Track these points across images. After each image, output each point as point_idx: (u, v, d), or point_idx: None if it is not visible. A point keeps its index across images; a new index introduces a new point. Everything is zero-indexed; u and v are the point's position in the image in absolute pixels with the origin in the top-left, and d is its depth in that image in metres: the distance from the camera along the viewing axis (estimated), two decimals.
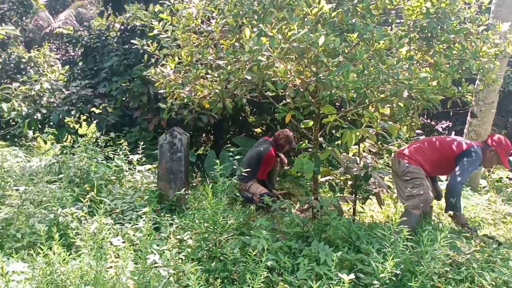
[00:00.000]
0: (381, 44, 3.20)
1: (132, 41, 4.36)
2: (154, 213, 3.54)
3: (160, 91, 4.37)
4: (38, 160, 5.03)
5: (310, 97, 3.71)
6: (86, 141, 4.59)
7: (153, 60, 4.06)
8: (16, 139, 8.28)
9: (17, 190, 3.79)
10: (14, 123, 8.15)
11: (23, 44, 14.01)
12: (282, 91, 3.52)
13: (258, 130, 8.06)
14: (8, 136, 7.37)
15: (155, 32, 3.99)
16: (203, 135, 8.09)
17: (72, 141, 5.58)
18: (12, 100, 7.05)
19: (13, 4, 11.16)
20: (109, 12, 8.33)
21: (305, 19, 3.23)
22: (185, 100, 3.96)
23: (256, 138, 7.26)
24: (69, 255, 2.67)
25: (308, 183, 5.77)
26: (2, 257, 2.71)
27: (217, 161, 3.42)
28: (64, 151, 5.20)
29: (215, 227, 3.15)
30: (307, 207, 4.09)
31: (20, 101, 7.20)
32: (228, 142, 7.67)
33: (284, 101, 3.75)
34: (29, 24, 14.10)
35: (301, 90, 3.65)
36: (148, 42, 4.06)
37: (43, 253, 2.61)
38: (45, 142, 8.60)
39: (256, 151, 5.14)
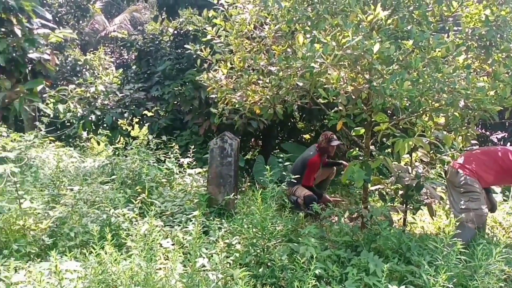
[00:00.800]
0: (438, 52, 3.10)
1: (185, 46, 4.46)
2: (203, 217, 3.58)
3: (211, 96, 4.43)
4: (92, 160, 5.23)
5: (362, 105, 3.63)
6: (139, 144, 4.72)
7: (206, 65, 4.12)
8: (70, 140, 8.68)
9: (71, 190, 3.94)
10: (69, 124, 8.56)
11: (79, 47, 14.68)
12: (334, 98, 3.47)
13: (307, 136, 7.99)
14: (63, 137, 7.73)
15: (209, 37, 4.05)
16: (252, 140, 8.13)
17: (124, 143, 5.76)
18: (68, 101, 7.39)
19: (70, 8, 11.73)
20: (163, 17, 8.56)
21: (360, 26, 3.17)
22: (236, 105, 3.99)
23: (305, 144, 7.21)
24: (120, 255, 2.74)
25: (357, 192, 5.65)
26: (56, 255, 2.86)
27: (267, 167, 3.41)
28: (117, 153, 5.38)
29: (264, 233, 3.15)
30: (356, 216, 4.01)
31: (75, 102, 7.54)
32: (277, 147, 7.66)
33: (335, 108, 3.70)
34: (85, 28, 14.75)
35: (353, 97, 3.58)
36: (201, 47, 4.12)
37: (95, 252, 2.69)
38: (98, 143, 8.96)
39: (302, 157, 5.10)
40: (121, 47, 16.67)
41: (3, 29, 4.80)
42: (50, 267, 2.67)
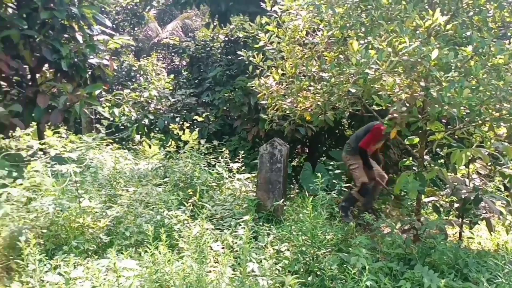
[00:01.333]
0: (499, 59, 2.96)
1: (238, 52, 4.52)
2: (252, 222, 3.60)
3: (261, 102, 4.46)
4: (145, 163, 5.40)
5: (417, 113, 3.52)
6: (191, 148, 4.82)
7: (258, 71, 4.15)
8: (123, 142, 9.01)
9: (127, 190, 4.08)
10: (122, 127, 8.89)
11: (133, 53, 15.25)
12: (389, 105, 3.39)
13: None
14: (117, 139, 8.04)
15: (261, 43, 4.08)
16: (298, 147, 8.09)
17: (175, 147, 5.91)
18: (123, 105, 7.69)
19: (127, 15, 12.24)
20: (215, 24, 8.73)
21: (417, 32, 3.09)
22: (287, 112, 3.99)
23: None
24: (172, 256, 2.80)
25: (408, 203, 5.47)
26: (114, 253, 2.97)
27: (318, 174, 3.38)
28: (169, 156, 5.52)
29: (313, 241, 3.11)
30: (409, 228, 3.88)
31: (130, 106, 7.83)
32: (324, 155, 7.58)
33: (389, 115, 3.61)
34: (139, 35, 15.29)
35: (408, 105, 3.48)
36: (253, 54, 4.16)
37: (150, 252, 2.77)
38: (150, 147, 9.26)
39: (366, 125, 4.87)
40: (173, 53, 17.16)
41: (66, 36, 5.07)
42: (108, 265, 2.77)
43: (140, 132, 7.37)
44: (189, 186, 4.48)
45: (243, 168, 5.32)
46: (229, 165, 5.26)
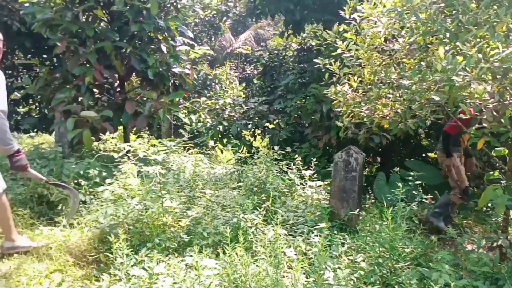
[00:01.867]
0: None
1: (314, 60, 4.53)
2: (326, 230, 3.58)
3: (336, 110, 4.43)
4: (220, 167, 5.57)
5: (508, 123, 3.31)
6: (265, 154, 4.91)
7: (334, 78, 4.14)
8: (198, 147, 9.37)
9: (204, 193, 4.24)
10: (197, 133, 9.25)
11: (207, 62, 15.83)
12: (478, 114, 3.22)
13: (432, 155, 7.50)
14: (192, 145, 8.40)
15: (338, 51, 4.07)
16: (370, 155, 7.90)
17: (246, 152, 6.03)
18: (199, 112, 8.01)
19: (204, 27, 12.81)
20: (289, 33, 8.84)
21: (510, 37, 2.91)
22: (364, 120, 3.93)
23: (429, 163, 6.77)
24: (249, 259, 2.86)
25: (493, 219, 5.13)
26: (197, 252, 3.10)
27: (397, 183, 3.28)
28: (241, 161, 5.65)
29: (392, 254, 3.03)
30: (496, 245, 3.63)
31: (206, 113, 8.14)
32: (397, 165, 7.33)
33: (476, 125, 3.42)
34: (215, 45, 15.88)
35: (498, 114, 3.28)
36: (330, 61, 4.16)
37: (228, 253, 2.85)
38: (222, 152, 9.53)
39: None
40: (245, 62, 17.57)
41: (152, 47, 5.41)
42: (190, 262, 2.89)
43: (214, 138, 7.62)
44: (263, 191, 4.55)
45: (314, 175, 5.30)
46: (301, 172, 5.27)
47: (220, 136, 7.65)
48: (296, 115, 7.70)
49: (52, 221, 3.95)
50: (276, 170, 4.94)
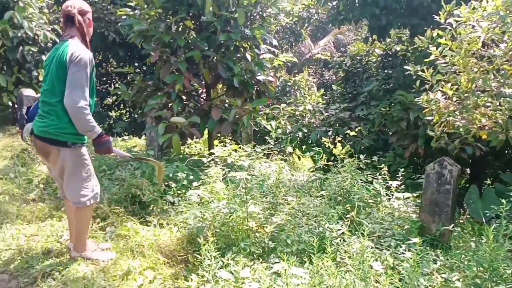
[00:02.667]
0: None
1: (405, 67, 4.37)
2: (417, 245, 3.41)
3: (427, 118, 4.23)
4: (301, 174, 5.55)
5: None
6: (350, 162, 4.80)
7: (427, 86, 3.96)
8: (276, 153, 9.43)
9: (286, 200, 4.23)
10: (275, 139, 9.32)
11: (285, 69, 15.91)
12: None
13: None
14: (275, 151, 8.46)
15: (432, 57, 3.88)
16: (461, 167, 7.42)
17: (326, 160, 5.94)
18: (279, 118, 8.06)
19: (285, 34, 12.94)
20: (373, 38, 8.63)
21: None
22: (460, 129, 3.70)
23: None
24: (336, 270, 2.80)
25: None
26: (285, 259, 3.10)
27: (499, 198, 3.04)
28: (320, 169, 5.58)
29: (492, 274, 2.80)
30: None
31: (285, 120, 8.18)
32: (490, 177, 6.81)
33: None
34: (295, 51, 15.95)
35: None
36: (422, 67, 3.98)
37: (316, 263, 2.81)
38: (299, 158, 9.50)
39: None
40: (323, 68, 17.41)
41: (238, 55, 5.55)
42: (277, 269, 2.91)
43: (293, 144, 7.63)
44: (347, 201, 4.45)
45: (401, 186, 5.08)
46: (387, 182, 5.08)
47: (299, 143, 7.64)
48: (380, 123, 7.47)
49: (144, 220, 4.18)
50: (361, 180, 4.81)
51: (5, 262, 3.28)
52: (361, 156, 5.19)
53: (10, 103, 8.69)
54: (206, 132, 5.96)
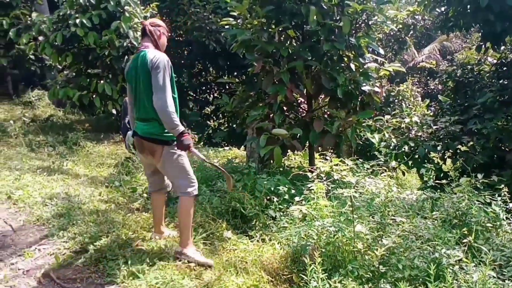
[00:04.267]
0: None
1: None
2: None
3: None
4: (408, 192, 5.17)
5: None
6: (466, 181, 4.35)
7: None
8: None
9: (395, 220, 3.92)
10: (377, 152, 8.87)
11: (387, 78, 15.18)
12: None
13: None
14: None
15: None
16: None
17: (434, 177, 5.48)
18: (383, 131, 7.65)
19: (388, 41, 12.40)
20: (486, 46, 7.91)
21: None
22: None
23: None
24: None
25: None
26: (385, 285, 2.87)
27: None
28: (430, 187, 5.14)
29: None
30: None
31: (390, 132, 7.74)
32: None
33: None
34: (399, 60, 15.23)
35: None
36: None
37: None
38: (403, 174, 8.92)
39: None
40: (428, 77, 16.38)
41: (342, 65, 5.37)
42: None
43: (398, 159, 7.19)
44: (463, 224, 4.03)
45: None
46: (507, 205, 4.52)
47: (405, 157, 7.17)
48: (495, 138, 6.76)
49: (246, 234, 4.15)
50: (478, 201, 4.33)
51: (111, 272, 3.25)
52: (479, 176, 4.69)
53: (114, 111, 9.31)
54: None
